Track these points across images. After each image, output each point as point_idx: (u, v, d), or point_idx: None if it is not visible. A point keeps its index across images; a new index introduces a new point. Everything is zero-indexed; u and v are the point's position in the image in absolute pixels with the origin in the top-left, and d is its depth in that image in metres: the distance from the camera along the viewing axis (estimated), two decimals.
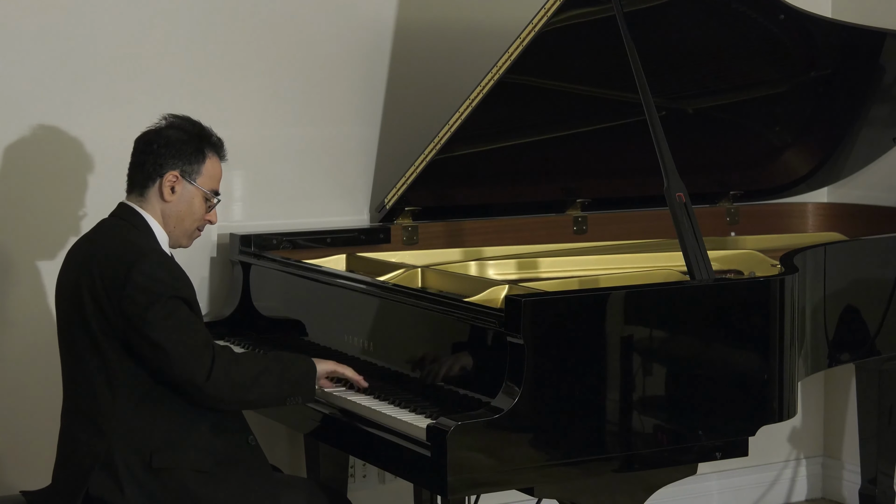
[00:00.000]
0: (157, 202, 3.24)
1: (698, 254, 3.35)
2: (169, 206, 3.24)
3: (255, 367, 3.20)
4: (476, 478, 3.00)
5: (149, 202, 3.24)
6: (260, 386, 3.18)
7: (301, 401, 3.29)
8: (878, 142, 4.75)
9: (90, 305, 3.13)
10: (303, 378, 3.27)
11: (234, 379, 3.14)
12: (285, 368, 3.25)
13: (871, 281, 4.02)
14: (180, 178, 3.23)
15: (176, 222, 3.26)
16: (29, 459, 3.88)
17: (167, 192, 3.23)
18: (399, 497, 4.39)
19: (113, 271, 3.11)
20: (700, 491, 4.99)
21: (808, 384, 5.09)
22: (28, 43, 3.87)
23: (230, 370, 3.14)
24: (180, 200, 3.24)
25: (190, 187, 3.25)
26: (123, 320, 3.09)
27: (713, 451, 3.28)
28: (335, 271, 3.83)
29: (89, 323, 3.13)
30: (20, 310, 3.90)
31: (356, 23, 4.32)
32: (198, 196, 3.26)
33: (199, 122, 3.32)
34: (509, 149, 4.23)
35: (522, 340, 3.03)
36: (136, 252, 3.13)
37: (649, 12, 3.87)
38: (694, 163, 4.15)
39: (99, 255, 3.16)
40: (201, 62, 4.11)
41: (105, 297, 3.11)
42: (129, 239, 3.19)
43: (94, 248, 3.20)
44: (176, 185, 3.23)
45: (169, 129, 3.27)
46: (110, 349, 3.12)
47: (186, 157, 3.24)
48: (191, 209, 3.26)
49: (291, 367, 3.27)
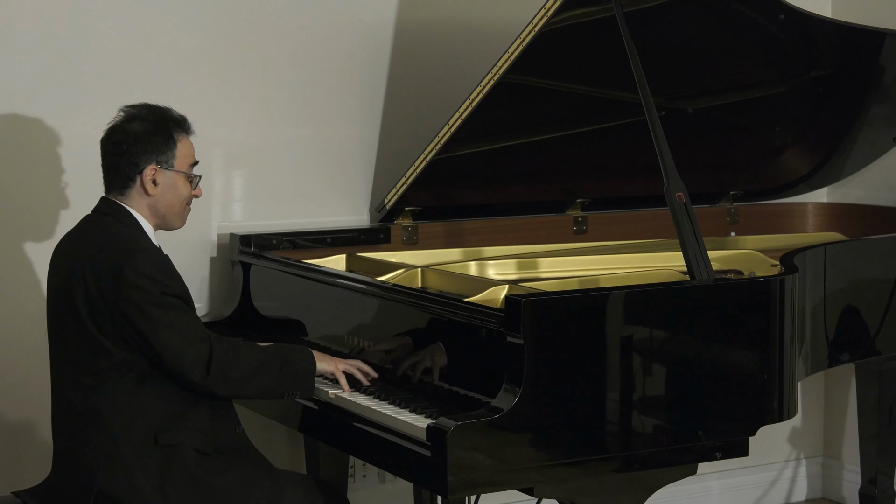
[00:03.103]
0: (140, 198, 3.25)
1: (698, 254, 3.35)
2: (155, 199, 3.25)
3: (253, 361, 3.22)
4: (476, 478, 3.00)
5: (131, 198, 3.25)
6: (258, 381, 3.21)
7: (299, 395, 3.31)
8: (878, 142, 4.75)
9: (83, 304, 3.13)
10: (303, 374, 3.29)
11: (231, 374, 3.17)
12: (285, 362, 3.27)
13: (871, 281, 4.02)
14: (159, 169, 3.24)
15: (166, 210, 3.27)
16: (20, 460, 3.88)
17: (150, 186, 3.24)
18: (399, 497, 4.39)
19: (105, 270, 3.12)
20: (700, 491, 4.99)
21: (808, 384, 5.09)
22: (26, 43, 3.87)
23: (228, 366, 3.16)
24: (165, 189, 3.25)
25: (170, 173, 3.26)
26: (120, 317, 3.10)
27: (713, 451, 3.28)
28: (335, 271, 3.83)
29: (83, 322, 3.13)
30: (14, 309, 3.90)
31: (356, 23, 4.32)
32: (180, 178, 3.28)
33: (157, 105, 3.31)
34: (509, 149, 4.23)
35: (522, 340, 3.02)
36: (127, 249, 3.14)
37: (649, 12, 3.86)
38: (694, 163, 4.15)
39: (88, 254, 3.17)
40: (201, 62, 4.11)
41: (99, 297, 3.11)
42: (117, 235, 3.19)
43: (83, 246, 3.21)
44: (157, 176, 3.24)
45: (131, 122, 3.26)
46: (108, 341, 3.12)
47: (158, 147, 3.24)
48: (177, 193, 3.28)
49: (291, 361, 3.28)
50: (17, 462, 3.90)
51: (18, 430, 3.91)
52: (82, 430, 3.17)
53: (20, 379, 3.90)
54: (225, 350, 3.18)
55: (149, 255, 3.15)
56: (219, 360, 3.15)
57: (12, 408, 3.91)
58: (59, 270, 3.25)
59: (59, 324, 3.23)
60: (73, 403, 3.19)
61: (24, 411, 3.90)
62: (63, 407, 3.24)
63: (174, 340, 3.12)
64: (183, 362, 3.13)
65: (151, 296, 3.11)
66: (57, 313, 3.24)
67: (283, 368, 3.26)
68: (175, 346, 3.12)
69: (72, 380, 3.20)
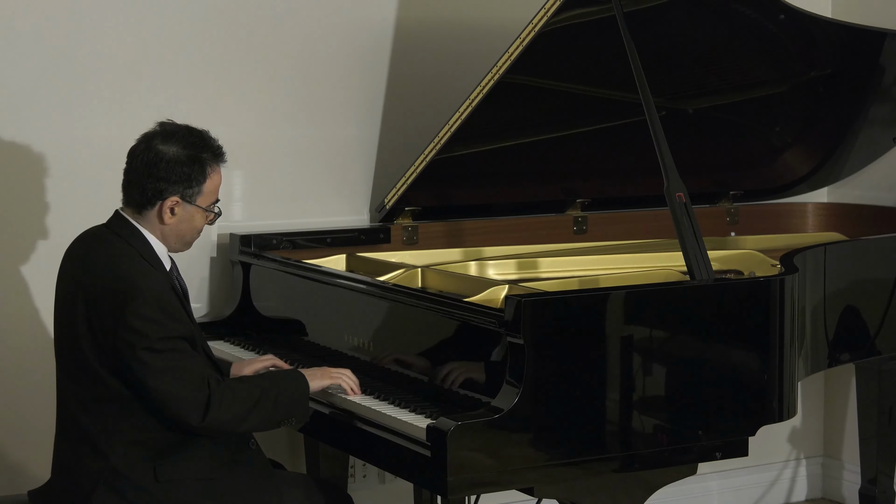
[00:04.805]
0: (156, 223, 3.16)
1: (698, 254, 3.36)
2: (169, 228, 3.17)
3: (250, 397, 3.13)
4: (476, 478, 3.00)
5: (147, 220, 3.17)
6: (253, 417, 3.13)
7: (295, 423, 3.24)
8: (878, 142, 4.75)
9: (85, 336, 3.08)
10: (297, 400, 3.22)
11: (227, 416, 3.09)
12: (280, 392, 3.18)
13: (871, 281, 4.02)
14: (181, 201, 3.15)
15: (176, 239, 3.20)
16: (34, 459, 3.88)
17: (167, 215, 3.15)
18: (399, 497, 4.39)
19: (107, 308, 3.05)
20: (700, 491, 4.99)
21: (808, 384, 5.09)
22: (27, 43, 3.87)
23: (225, 408, 3.08)
24: (181, 221, 3.17)
25: (190, 208, 3.17)
26: (117, 359, 3.05)
27: (713, 451, 3.28)
28: (335, 271, 3.83)
29: (85, 352, 3.09)
30: (21, 309, 3.90)
31: (356, 23, 4.32)
32: (198, 213, 3.19)
33: (200, 131, 3.21)
34: (509, 149, 4.23)
35: (522, 340, 3.03)
36: (130, 288, 3.04)
37: (649, 12, 3.86)
38: (694, 163, 4.15)
39: (93, 284, 3.09)
40: (201, 62, 4.11)
41: (100, 334, 3.06)
42: (125, 267, 3.10)
43: (89, 272, 3.12)
44: (176, 207, 3.15)
45: (166, 143, 3.14)
46: (105, 375, 3.07)
47: (188, 179, 3.14)
48: (191, 226, 3.20)
49: (286, 390, 3.20)
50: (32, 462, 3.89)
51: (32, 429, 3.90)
52: (79, 450, 3.13)
53: (26, 380, 3.90)
54: (223, 392, 3.09)
55: (151, 296, 3.05)
56: (217, 403, 3.07)
57: (27, 407, 3.91)
58: (65, 293, 3.18)
59: (63, 348, 3.18)
60: (74, 419, 3.15)
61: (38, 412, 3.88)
62: (65, 421, 3.19)
63: (170, 386, 3.04)
64: (180, 407, 3.05)
65: (149, 340, 3.02)
66: (61, 336, 3.19)
67: (278, 399, 3.17)
68: (171, 391, 3.04)
69: (74, 397, 3.15)
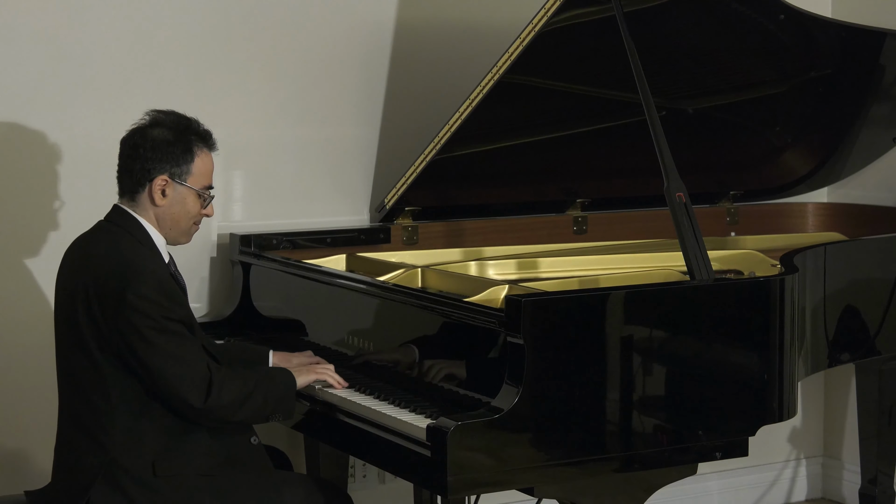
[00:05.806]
0: (149, 206, 3.18)
1: (698, 254, 3.35)
2: (162, 210, 3.19)
3: (245, 387, 3.16)
4: (476, 478, 3.00)
5: (141, 206, 3.19)
6: (247, 406, 3.15)
7: (281, 418, 3.27)
8: (878, 142, 4.75)
9: (86, 323, 3.09)
10: (284, 395, 3.24)
11: (225, 401, 3.11)
12: (271, 386, 3.22)
13: (871, 281, 4.02)
14: (170, 181, 3.17)
15: (171, 224, 3.21)
16: (32, 459, 3.88)
17: (158, 196, 3.17)
18: (399, 497, 4.39)
19: (107, 291, 3.06)
20: (700, 491, 4.99)
21: (808, 384, 5.09)
22: (27, 43, 3.87)
23: (223, 392, 3.10)
24: (173, 203, 3.19)
25: (181, 188, 3.19)
26: (120, 341, 3.06)
27: (713, 451, 3.28)
28: (335, 271, 3.83)
29: (86, 341, 3.09)
30: (20, 308, 3.90)
31: (356, 23, 4.32)
32: (190, 195, 3.21)
33: (185, 115, 3.24)
34: (509, 149, 4.23)
35: (522, 340, 3.02)
36: (131, 271, 3.07)
37: (649, 12, 3.86)
38: (694, 163, 4.14)
39: (93, 271, 3.11)
40: (201, 62, 4.11)
41: (101, 318, 3.07)
42: (124, 253, 3.12)
43: (89, 261, 3.15)
44: (166, 188, 3.17)
45: (153, 128, 3.18)
46: (106, 364, 3.09)
47: (174, 158, 3.16)
48: (185, 209, 3.21)
49: (276, 385, 3.23)
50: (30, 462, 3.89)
51: (31, 428, 3.91)
52: (79, 444, 3.14)
53: (26, 380, 3.90)
54: (222, 377, 3.12)
55: (152, 278, 3.08)
56: (217, 387, 3.09)
57: (27, 406, 3.90)
58: (65, 284, 3.19)
59: (64, 340, 3.18)
60: (74, 413, 3.16)
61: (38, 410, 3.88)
62: (65, 416, 3.20)
63: (173, 366, 3.05)
64: (181, 388, 3.06)
65: (152, 320, 3.04)
66: (61, 328, 3.20)
67: (269, 392, 3.20)
68: (174, 371, 3.06)
69: (74, 391, 3.16)
